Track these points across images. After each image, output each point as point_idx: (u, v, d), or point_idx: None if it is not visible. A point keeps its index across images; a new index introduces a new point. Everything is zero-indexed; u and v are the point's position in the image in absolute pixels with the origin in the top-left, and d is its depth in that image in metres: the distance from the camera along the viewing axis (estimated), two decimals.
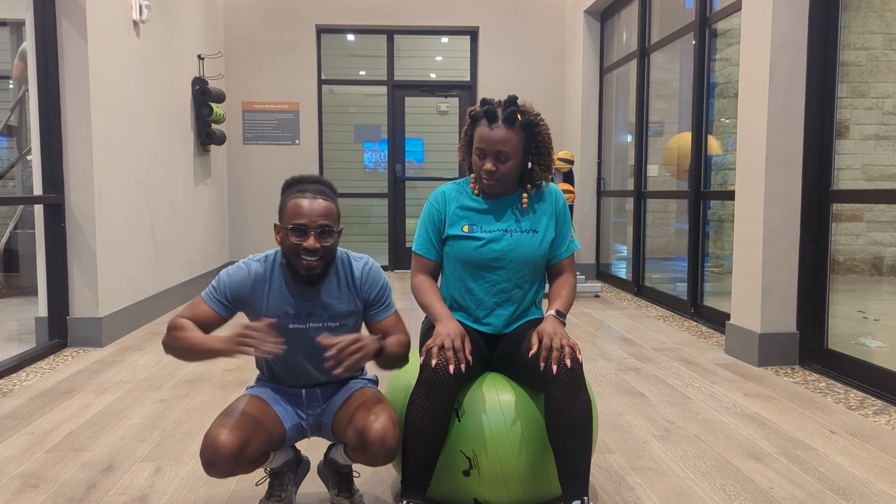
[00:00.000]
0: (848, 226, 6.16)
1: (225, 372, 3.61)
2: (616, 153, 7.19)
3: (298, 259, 1.84)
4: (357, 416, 1.86)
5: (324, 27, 7.53)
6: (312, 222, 1.82)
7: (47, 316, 4.06)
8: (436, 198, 2.14)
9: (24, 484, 2.26)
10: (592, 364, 3.81)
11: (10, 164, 6.28)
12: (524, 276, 2.10)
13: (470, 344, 1.93)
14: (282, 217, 1.87)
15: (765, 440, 2.66)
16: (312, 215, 1.82)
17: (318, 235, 1.83)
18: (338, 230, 1.89)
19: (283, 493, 2.01)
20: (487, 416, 1.96)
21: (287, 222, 1.84)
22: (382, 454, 1.80)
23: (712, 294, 5.22)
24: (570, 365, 1.84)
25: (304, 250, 1.82)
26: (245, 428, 1.79)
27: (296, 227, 1.82)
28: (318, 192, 1.87)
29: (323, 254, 1.85)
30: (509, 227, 2.08)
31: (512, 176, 2.05)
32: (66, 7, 3.99)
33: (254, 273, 1.92)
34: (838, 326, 4.20)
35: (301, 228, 1.82)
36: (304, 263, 1.84)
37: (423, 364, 1.88)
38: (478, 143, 2.02)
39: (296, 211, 1.83)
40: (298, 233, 1.83)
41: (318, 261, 1.85)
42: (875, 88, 6.11)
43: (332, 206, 1.87)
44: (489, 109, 2.00)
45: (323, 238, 1.84)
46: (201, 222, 6.33)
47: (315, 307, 1.93)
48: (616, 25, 6.97)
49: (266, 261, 1.95)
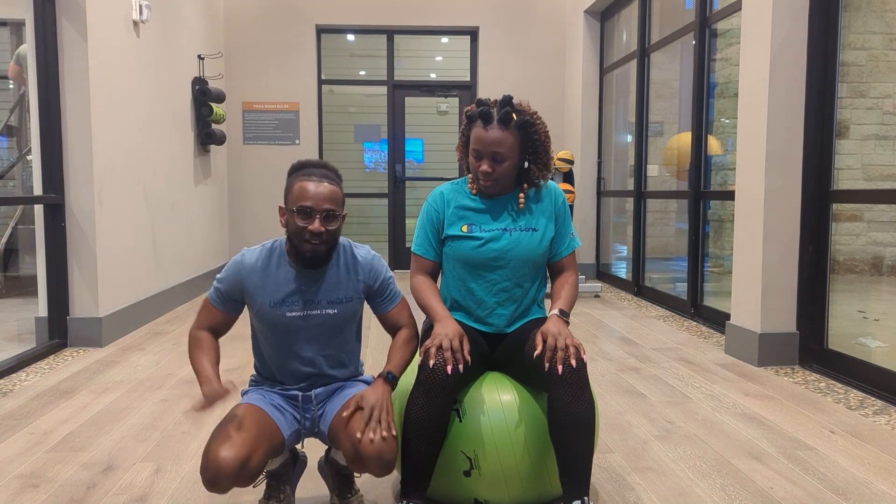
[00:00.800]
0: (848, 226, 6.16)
1: (225, 372, 3.61)
2: (616, 153, 7.19)
3: (303, 242, 1.85)
4: (353, 427, 1.80)
5: (324, 27, 7.53)
6: (318, 205, 1.84)
7: (47, 316, 4.06)
8: (434, 198, 2.14)
9: (24, 484, 2.26)
10: (592, 364, 3.81)
11: (11, 164, 6.28)
12: (524, 275, 2.09)
13: (468, 344, 1.93)
14: (287, 199, 1.89)
15: (765, 440, 2.66)
16: (318, 198, 1.84)
17: (323, 219, 1.85)
18: (342, 215, 1.90)
19: (282, 494, 2.00)
20: (488, 416, 1.96)
21: (293, 204, 1.86)
22: (379, 469, 1.76)
23: (712, 294, 5.22)
24: (574, 365, 1.84)
25: (310, 233, 1.84)
26: (246, 443, 1.74)
27: (302, 209, 1.84)
28: (324, 176, 1.88)
29: (327, 238, 1.86)
30: (508, 226, 2.08)
31: (509, 176, 2.05)
32: (66, 7, 3.99)
33: (250, 265, 1.93)
34: (838, 326, 4.20)
35: (307, 211, 1.84)
36: (308, 247, 1.85)
37: (422, 364, 1.88)
38: (474, 145, 2.02)
39: (302, 194, 1.84)
40: (304, 215, 1.84)
41: (323, 244, 1.86)
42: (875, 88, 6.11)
43: (337, 190, 1.89)
44: (484, 110, 1.99)
45: (328, 222, 1.86)
46: (201, 222, 6.33)
47: (315, 294, 1.93)
48: (616, 25, 6.97)
49: (264, 249, 1.96)
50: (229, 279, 1.94)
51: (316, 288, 1.93)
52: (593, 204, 7.27)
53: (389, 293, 2.02)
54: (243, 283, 1.93)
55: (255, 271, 1.93)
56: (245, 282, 1.93)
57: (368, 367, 3.74)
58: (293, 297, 1.92)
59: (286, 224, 1.90)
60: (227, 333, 4.50)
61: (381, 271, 2.01)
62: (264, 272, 1.93)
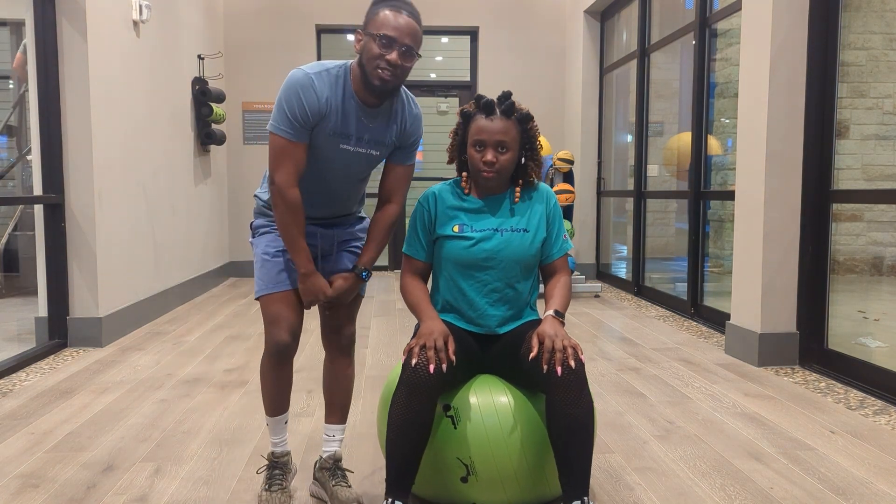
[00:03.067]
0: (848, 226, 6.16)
1: (225, 372, 3.61)
2: (616, 153, 7.19)
3: (376, 70, 1.84)
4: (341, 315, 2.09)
5: (324, 27, 7.53)
6: (401, 38, 1.83)
7: (47, 316, 4.06)
8: (426, 198, 2.15)
9: (24, 484, 2.26)
10: (592, 364, 3.81)
11: (11, 164, 6.28)
12: (516, 276, 2.09)
13: (454, 344, 1.93)
14: (369, 25, 1.87)
15: (765, 440, 2.66)
16: (403, 31, 1.84)
17: (402, 53, 1.84)
18: (417, 56, 1.90)
19: (285, 482, 2.06)
20: (483, 420, 1.95)
21: (376, 31, 1.84)
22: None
23: (712, 294, 5.22)
24: (573, 366, 1.84)
25: (387, 62, 1.83)
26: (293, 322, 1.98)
27: (385, 38, 1.83)
28: (411, 13, 1.88)
29: (400, 73, 1.86)
30: (500, 227, 2.08)
31: (509, 169, 2.06)
32: (66, 7, 3.99)
33: (318, 88, 1.88)
34: (838, 326, 4.20)
35: (390, 40, 1.83)
36: (380, 74, 1.84)
37: (405, 364, 1.88)
38: (477, 136, 2.02)
39: (387, 22, 1.84)
40: (386, 43, 1.83)
41: (395, 78, 1.86)
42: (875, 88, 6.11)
43: (420, 30, 1.88)
44: (488, 101, 2.02)
45: (405, 58, 1.85)
46: (201, 222, 6.33)
47: (368, 131, 1.95)
48: (616, 25, 6.97)
49: (329, 75, 1.91)
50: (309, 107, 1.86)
51: (373, 127, 1.96)
52: (593, 204, 7.27)
53: (412, 150, 2.07)
54: (319, 111, 1.88)
55: (328, 98, 1.89)
56: (320, 108, 1.88)
57: (368, 366, 3.74)
58: (349, 129, 1.93)
59: (361, 50, 1.88)
60: (227, 333, 4.50)
61: (420, 126, 2.06)
62: (334, 101, 1.90)
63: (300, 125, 1.87)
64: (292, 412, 2.96)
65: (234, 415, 2.94)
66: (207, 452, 2.53)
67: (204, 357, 3.92)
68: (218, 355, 3.95)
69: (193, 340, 4.33)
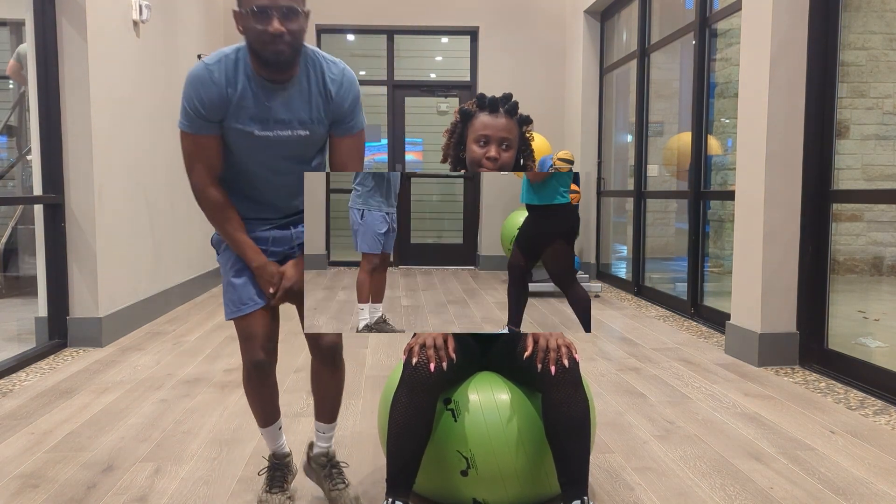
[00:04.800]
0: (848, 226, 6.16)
1: (225, 372, 3.61)
2: (616, 153, 7.19)
3: (265, 46, 1.68)
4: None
5: (324, 27, 7.53)
6: (274, 2, 1.65)
7: (47, 316, 4.06)
8: None
9: (24, 484, 2.26)
10: (592, 364, 3.81)
11: (10, 164, 6.28)
12: None
13: (453, 342, 1.93)
14: (242, 1, 1.70)
15: (765, 440, 2.66)
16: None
17: (282, 17, 1.66)
18: (304, 11, 1.72)
19: (285, 484, 2.06)
20: (484, 415, 1.96)
21: (246, 5, 1.68)
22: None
23: (712, 294, 5.22)
24: (567, 365, 1.85)
25: (270, 36, 1.66)
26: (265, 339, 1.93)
27: (258, 7, 1.65)
28: None
29: (290, 39, 1.68)
30: None
31: (509, 167, 2.06)
32: (66, 7, 3.99)
33: (217, 79, 1.74)
34: (838, 326, 4.20)
35: (263, 8, 1.65)
36: (270, 48, 1.68)
37: (405, 363, 1.89)
38: (481, 132, 2.02)
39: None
40: (260, 16, 1.66)
41: (286, 46, 1.68)
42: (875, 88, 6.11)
43: None
44: (492, 99, 2.02)
45: (288, 20, 1.67)
46: (201, 222, 6.32)
47: (282, 110, 1.78)
48: (616, 25, 6.97)
49: (225, 60, 1.76)
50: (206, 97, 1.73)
51: (284, 104, 1.77)
52: (593, 204, 7.27)
53: (352, 119, 1.88)
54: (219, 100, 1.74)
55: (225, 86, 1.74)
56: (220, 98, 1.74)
57: (368, 366, 3.74)
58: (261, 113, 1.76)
59: (244, 30, 1.72)
60: (227, 333, 4.50)
61: (352, 86, 1.86)
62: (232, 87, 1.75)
63: (204, 119, 1.75)
64: (292, 412, 2.96)
65: (234, 415, 2.94)
66: (207, 452, 2.53)
67: (204, 357, 3.92)
68: (218, 355, 3.95)
69: (193, 340, 4.33)
